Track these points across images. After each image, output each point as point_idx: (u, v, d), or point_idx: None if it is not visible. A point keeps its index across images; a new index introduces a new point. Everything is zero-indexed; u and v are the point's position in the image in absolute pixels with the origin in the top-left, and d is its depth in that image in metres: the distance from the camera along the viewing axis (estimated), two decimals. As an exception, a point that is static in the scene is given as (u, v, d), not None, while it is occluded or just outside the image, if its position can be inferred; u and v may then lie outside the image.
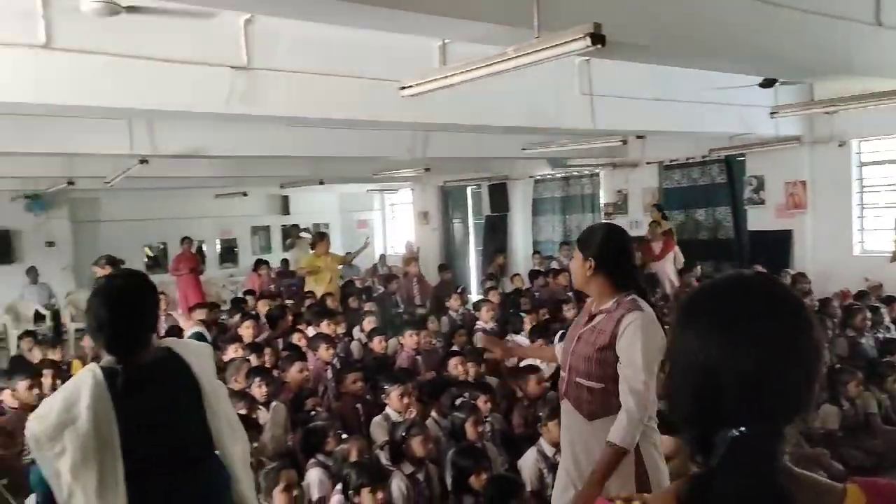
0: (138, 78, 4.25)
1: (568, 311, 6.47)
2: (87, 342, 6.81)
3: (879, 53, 4.83)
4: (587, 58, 5.57)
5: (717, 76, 6.18)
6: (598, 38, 2.79)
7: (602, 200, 11.58)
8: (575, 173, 11.96)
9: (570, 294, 7.42)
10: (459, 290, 8.21)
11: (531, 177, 12.54)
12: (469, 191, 14.01)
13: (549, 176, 12.34)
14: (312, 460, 3.65)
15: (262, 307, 7.12)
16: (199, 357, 2.24)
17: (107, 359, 2.07)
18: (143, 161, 6.70)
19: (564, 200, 12.35)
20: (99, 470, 1.90)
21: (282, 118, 5.30)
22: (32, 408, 4.26)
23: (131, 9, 3.82)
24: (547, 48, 2.98)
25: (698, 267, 8.81)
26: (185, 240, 11.67)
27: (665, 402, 1.52)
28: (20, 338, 7.80)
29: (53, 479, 1.91)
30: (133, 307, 2.09)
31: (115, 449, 1.92)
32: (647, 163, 10.49)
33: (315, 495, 3.43)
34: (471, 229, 14.18)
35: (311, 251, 8.47)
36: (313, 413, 4.12)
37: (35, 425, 1.95)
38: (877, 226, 8.16)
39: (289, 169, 10.20)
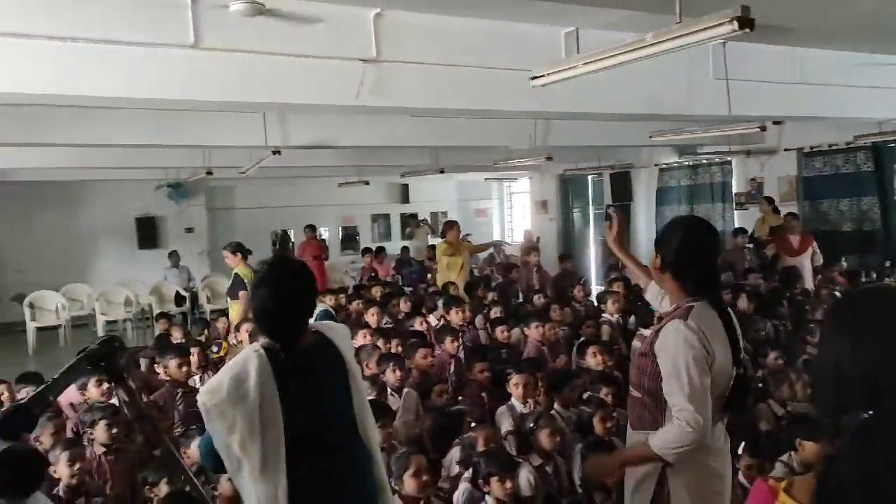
0: (275, 74, 4.44)
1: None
2: (222, 323, 7.25)
3: None
4: (723, 41, 5.29)
5: (864, 57, 5.71)
6: (746, 21, 2.60)
7: (734, 189, 11.02)
8: (704, 161, 11.43)
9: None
10: (581, 281, 8.07)
11: (656, 165, 12.10)
12: (590, 179, 13.71)
13: (675, 164, 11.87)
14: (457, 441, 3.71)
15: (375, 293, 7.29)
16: (342, 339, 2.32)
17: (266, 341, 2.17)
18: (276, 152, 7.02)
19: (692, 189, 11.82)
20: (263, 446, 2.00)
21: (408, 109, 5.39)
22: (181, 384, 4.61)
23: (271, 10, 3.97)
24: (689, 34, 2.82)
25: (843, 261, 8.21)
26: (309, 227, 12.15)
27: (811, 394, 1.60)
28: (156, 319, 8.42)
29: (224, 449, 2.03)
30: (295, 295, 2.17)
31: (278, 428, 2.02)
32: (785, 149, 9.85)
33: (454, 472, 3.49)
34: (591, 219, 13.88)
35: (441, 239, 8.57)
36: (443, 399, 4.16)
37: (207, 399, 2.05)
38: None
39: (410, 158, 10.38)
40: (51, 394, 1.31)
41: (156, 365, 4.83)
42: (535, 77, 3.73)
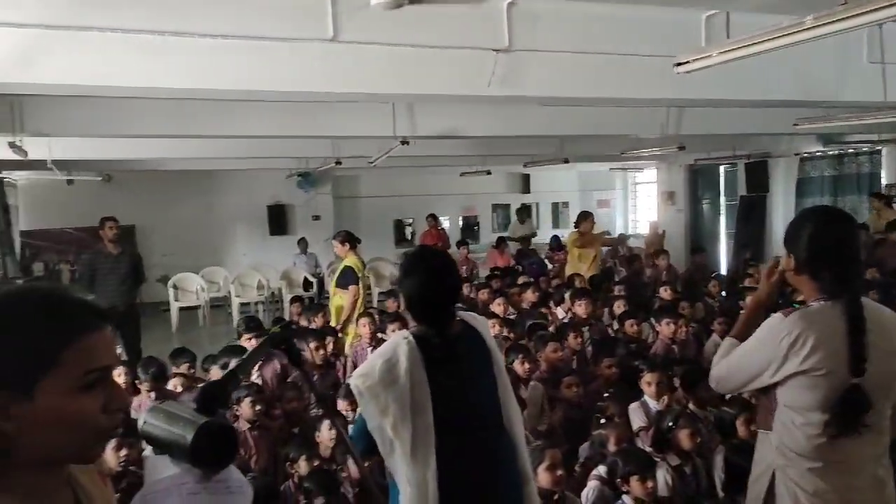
0: (410, 65, 4.49)
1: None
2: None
3: None
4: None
5: None
6: None
7: (884, 181, 10.18)
8: (851, 150, 10.60)
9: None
10: (714, 275, 7.70)
11: (797, 154, 11.34)
12: (722, 169, 13.05)
13: (818, 153, 11.08)
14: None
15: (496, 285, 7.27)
16: (485, 328, 2.36)
17: (416, 327, 2.23)
18: (405, 142, 7.13)
19: (836, 180, 11.00)
20: (413, 430, 2.05)
21: (540, 98, 5.32)
22: (317, 366, 4.80)
23: (413, 1, 4.01)
24: (856, 15, 2.56)
25: None
26: (431, 217, 12.31)
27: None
28: (291, 302, 8.78)
29: (377, 431, 2.10)
30: (444, 283, 2.24)
31: (428, 413, 2.07)
32: (947, 137, 8.99)
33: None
34: (722, 211, 13.23)
35: (575, 229, 8.43)
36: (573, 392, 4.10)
37: (360, 382, 2.14)
38: None
39: (534, 148, 10.28)
40: (241, 373, 1.41)
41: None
42: (680, 63, 3.55)
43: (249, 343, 4.90)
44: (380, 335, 5.43)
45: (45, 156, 7.46)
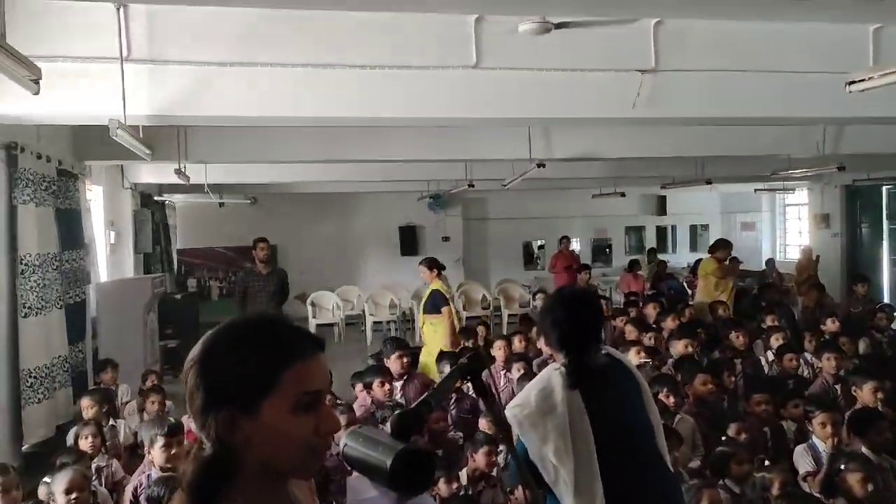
0: (551, 89, 4.44)
1: None
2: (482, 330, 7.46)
3: None
4: None
5: None
6: None
7: None
8: None
9: None
10: (879, 307, 7.03)
11: (972, 173, 10.25)
12: (885, 191, 11.98)
13: None
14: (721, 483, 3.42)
15: (650, 311, 6.99)
16: (628, 360, 2.45)
17: (564, 361, 2.26)
18: (541, 165, 7.07)
19: None
20: (576, 457, 2.06)
21: (687, 119, 5.12)
22: (455, 390, 4.80)
23: (559, 25, 3.98)
24: None
25: None
26: (564, 239, 12.12)
27: None
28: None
29: (538, 460, 2.11)
30: (589, 316, 2.32)
31: (589, 441, 2.08)
32: None
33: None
34: (884, 236, 12.12)
35: (711, 255, 8.03)
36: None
37: (518, 412, 2.17)
38: None
39: (672, 169, 9.92)
40: (434, 401, 1.47)
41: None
42: (853, 82, 3.29)
43: (396, 363, 5.00)
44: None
45: (202, 180, 8.03)
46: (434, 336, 6.83)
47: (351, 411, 4.24)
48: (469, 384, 1.84)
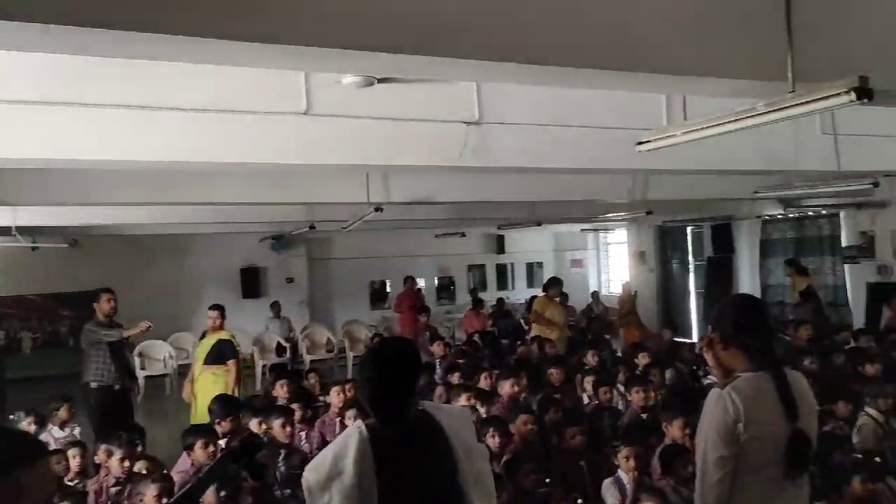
0: (383, 138, 4.59)
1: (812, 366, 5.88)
2: (314, 378, 7.28)
3: None
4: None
5: None
6: (864, 92, 2.45)
7: (843, 243, 10.47)
8: (811, 213, 10.94)
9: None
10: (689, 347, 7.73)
11: (759, 217, 11.66)
12: (689, 231, 13.36)
13: (780, 216, 11.40)
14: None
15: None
16: (451, 418, 2.32)
17: (371, 419, 2.23)
18: (378, 209, 7.19)
19: (798, 242, 11.33)
20: None
21: (509, 168, 5.44)
22: (283, 445, 4.66)
23: (383, 80, 4.12)
24: (802, 103, 2.70)
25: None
26: (408, 278, 12.31)
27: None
28: (271, 371, 8.43)
29: None
30: (396, 375, 2.24)
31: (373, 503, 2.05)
32: (900, 203, 9.35)
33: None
34: (691, 270, 13.49)
35: (543, 294, 8.45)
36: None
37: (310, 476, 2.12)
38: None
39: (507, 211, 10.44)
40: (196, 495, 1.41)
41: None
42: (641, 143, 3.70)
43: (221, 427, 4.72)
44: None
45: (10, 223, 7.38)
46: (213, 389, 6.43)
47: (166, 479, 3.85)
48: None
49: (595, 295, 14.22)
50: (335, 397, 5.57)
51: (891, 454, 4.09)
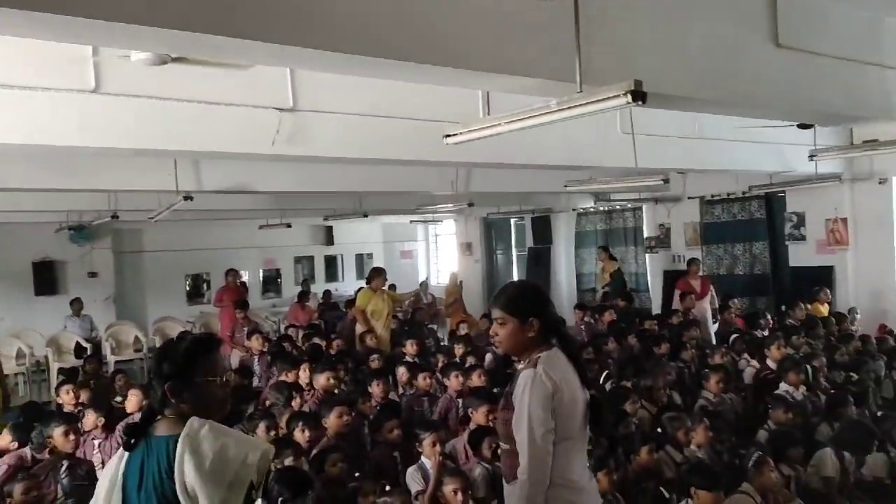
0: (184, 121, 4.28)
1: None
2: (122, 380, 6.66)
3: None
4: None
5: (753, 120, 6.11)
6: (638, 94, 2.73)
7: (645, 234, 11.41)
8: (618, 207, 11.82)
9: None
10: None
11: (574, 209, 12.41)
12: (513, 223, 13.92)
13: (591, 209, 12.20)
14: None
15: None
16: (198, 438, 1.95)
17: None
18: (188, 198, 6.74)
19: (607, 233, 12.22)
20: None
21: (326, 158, 5.30)
22: (66, 455, 4.20)
23: (179, 59, 3.82)
24: (588, 103, 2.94)
25: (735, 300, 8.62)
26: (230, 272, 11.71)
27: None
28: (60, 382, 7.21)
29: None
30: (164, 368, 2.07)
31: None
32: (689, 197, 10.50)
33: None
34: (514, 260, 14.08)
35: (366, 286, 8.32)
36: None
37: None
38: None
39: (333, 202, 10.26)
40: None
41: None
42: (449, 135, 3.74)
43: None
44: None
45: None
46: None
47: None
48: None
49: (424, 283, 14.40)
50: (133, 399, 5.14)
51: (669, 425, 4.48)
